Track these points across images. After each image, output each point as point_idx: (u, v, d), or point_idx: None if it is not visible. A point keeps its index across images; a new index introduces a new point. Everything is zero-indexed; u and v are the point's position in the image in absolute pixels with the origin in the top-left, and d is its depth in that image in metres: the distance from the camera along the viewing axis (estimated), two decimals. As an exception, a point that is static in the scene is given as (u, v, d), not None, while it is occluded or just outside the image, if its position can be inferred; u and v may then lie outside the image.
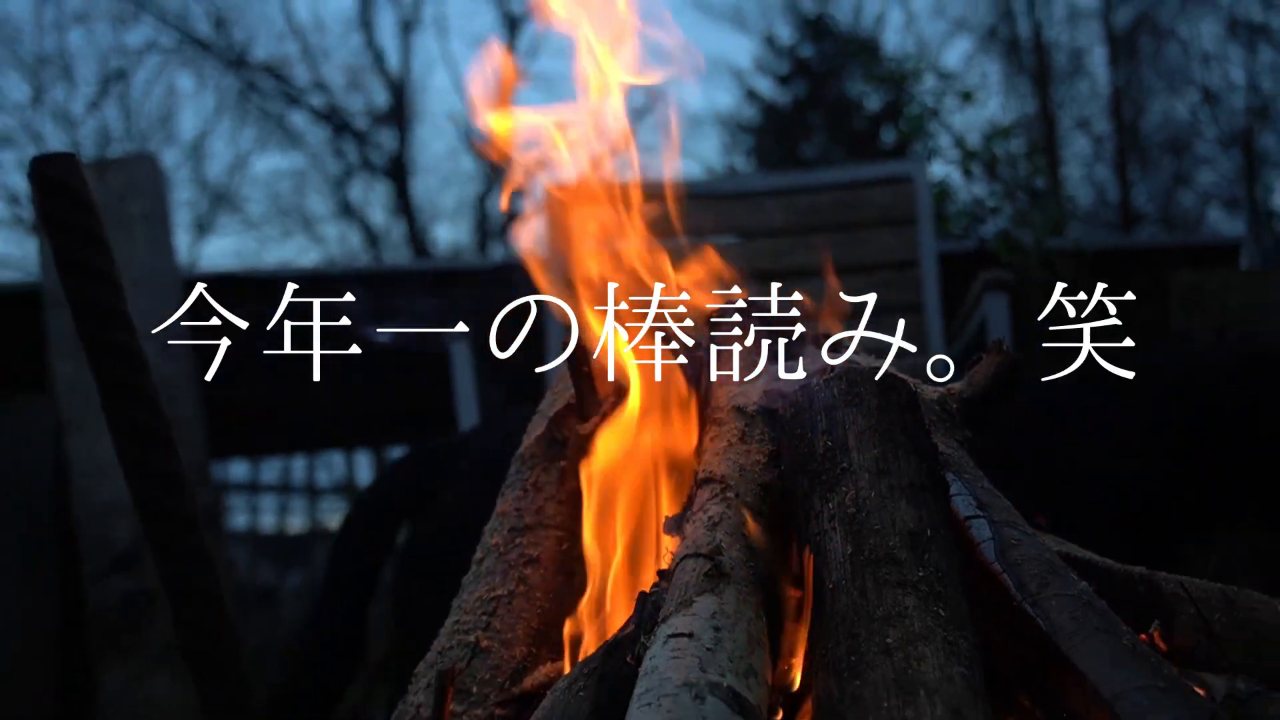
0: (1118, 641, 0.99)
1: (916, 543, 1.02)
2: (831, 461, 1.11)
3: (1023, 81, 18.81)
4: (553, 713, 1.05)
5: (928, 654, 0.93)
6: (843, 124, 18.38)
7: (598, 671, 1.06)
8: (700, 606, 1.01)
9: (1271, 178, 18.35)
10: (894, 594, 0.98)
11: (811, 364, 1.35)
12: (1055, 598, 1.04)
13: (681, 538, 1.12)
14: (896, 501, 1.05)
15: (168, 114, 17.66)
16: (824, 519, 1.07)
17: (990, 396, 1.37)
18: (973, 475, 1.22)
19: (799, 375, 1.30)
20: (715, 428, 1.26)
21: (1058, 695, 1.03)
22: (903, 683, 0.91)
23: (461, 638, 1.27)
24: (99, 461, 3.74)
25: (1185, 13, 19.19)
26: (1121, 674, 0.95)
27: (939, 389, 1.39)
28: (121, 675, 3.67)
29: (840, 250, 3.46)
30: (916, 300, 3.41)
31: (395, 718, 1.21)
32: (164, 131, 17.43)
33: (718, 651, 0.97)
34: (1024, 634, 1.05)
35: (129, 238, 3.79)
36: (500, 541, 1.38)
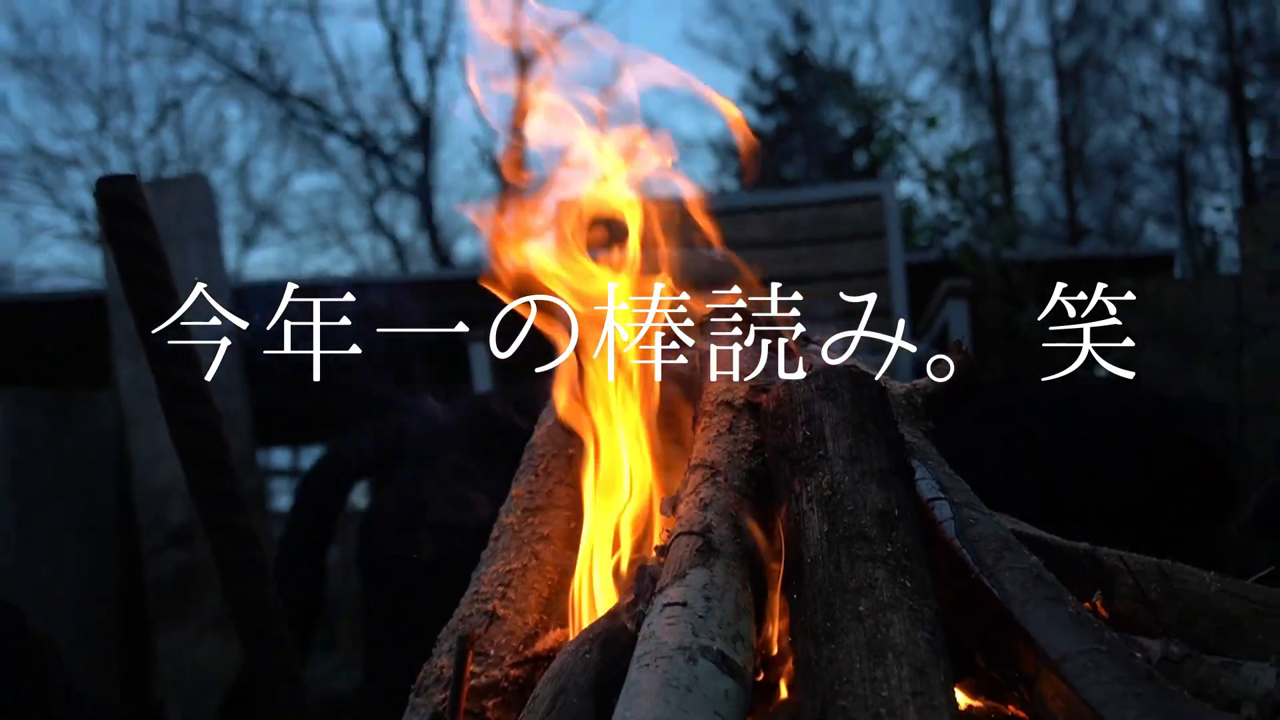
0: (1064, 609, 0.99)
1: (885, 522, 1.02)
2: (809, 450, 1.11)
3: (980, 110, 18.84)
4: (561, 672, 1.05)
5: (895, 621, 0.93)
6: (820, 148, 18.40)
7: (601, 636, 1.06)
8: (693, 578, 1.01)
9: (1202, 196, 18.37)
10: (865, 567, 0.98)
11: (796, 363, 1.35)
12: (1008, 570, 1.04)
13: (676, 517, 1.12)
14: (867, 485, 1.05)
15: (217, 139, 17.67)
16: (803, 500, 1.07)
17: (951, 392, 1.37)
18: (935, 462, 1.22)
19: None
20: (706, 419, 1.25)
21: (1010, 657, 1.03)
22: (873, 646, 0.91)
23: (480, 606, 1.27)
24: (157, 450, 3.74)
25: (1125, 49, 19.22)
26: (1067, 638, 0.95)
27: (905, 385, 1.39)
28: (176, 640, 3.67)
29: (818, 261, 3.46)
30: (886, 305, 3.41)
31: (421, 677, 1.21)
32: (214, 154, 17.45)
33: (708, 619, 0.97)
34: (981, 603, 1.05)
35: (183, 250, 3.79)
36: (514, 521, 1.38)
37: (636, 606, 1.06)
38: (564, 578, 1.34)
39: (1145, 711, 0.85)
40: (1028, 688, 1.00)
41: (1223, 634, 1.11)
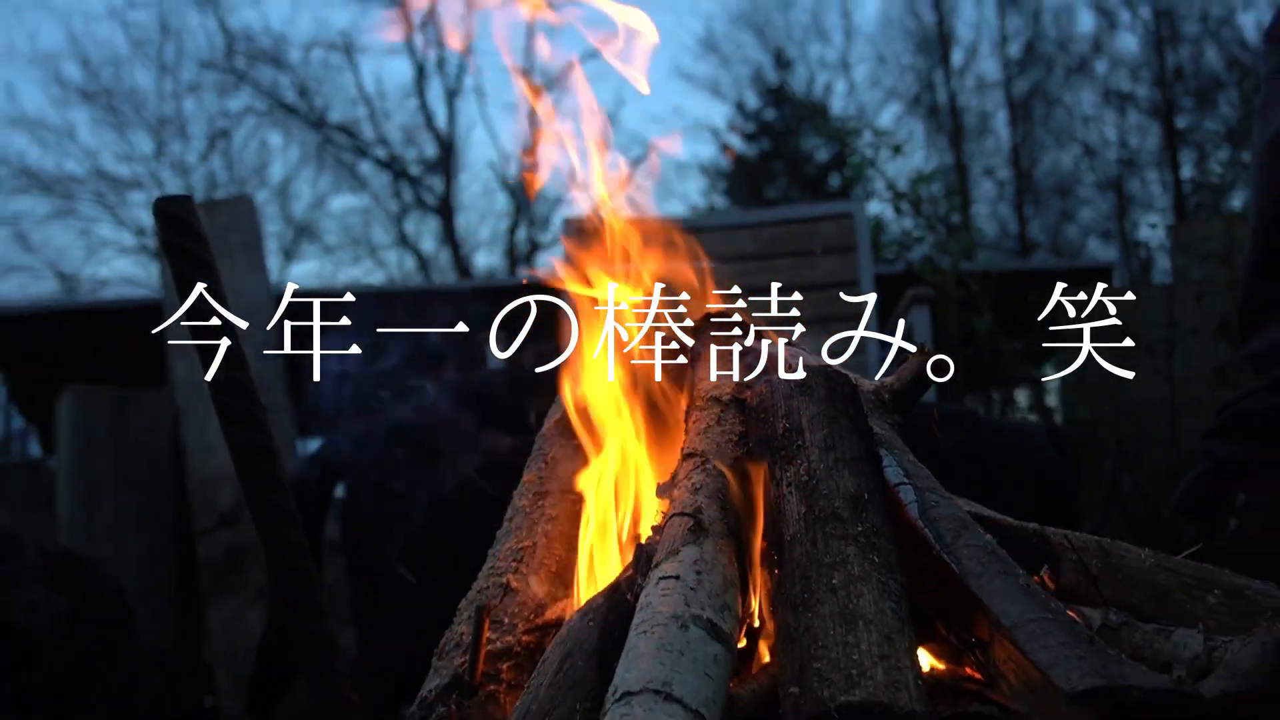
0: (1015, 582, 0.99)
1: (856, 504, 1.02)
2: (789, 440, 1.11)
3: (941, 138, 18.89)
4: (568, 638, 1.05)
5: (865, 592, 0.93)
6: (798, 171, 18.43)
7: (604, 606, 1.06)
8: (685, 555, 1.01)
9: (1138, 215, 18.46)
10: (838, 545, 0.98)
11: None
12: (966, 547, 1.04)
13: (670, 500, 1.13)
14: (840, 471, 1.05)
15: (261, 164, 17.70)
16: (783, 485, 1.07)
17: (914, 389, 1.37)
18: (901, 451, 1.22)
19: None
20: (696, 413, 1.26)
21: (968, 625, 1.03)
22: (845, 615, 0.91)
23: (495, 579, 1.27)
24: (208, 440, 3.74)
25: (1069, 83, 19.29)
26: (1018, 608, 0.95)
27: (874, 382, 1.39)
28: (225, 611, 3.67)
29: (795, 272, 3.47)
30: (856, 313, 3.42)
31: (443, 643, 1.21)
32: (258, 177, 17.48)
33: (699, 590, 0.97)
34: (941, 576, 1.05)
35: (231, 262, 3.79)
36: (526, 504, 1.38)
37: (635, 580, 1.06)
38: (570, 554, 1.34)
39: (1087, 672, 0.85)
40: (983, 652, 1.00)
41: (1156, 604, 1.11)
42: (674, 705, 0.84)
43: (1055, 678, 0.86)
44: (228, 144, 17.39)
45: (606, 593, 1.09)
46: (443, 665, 1.17)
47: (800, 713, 0.87)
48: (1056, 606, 0.96)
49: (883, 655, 0.87)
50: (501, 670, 1.16)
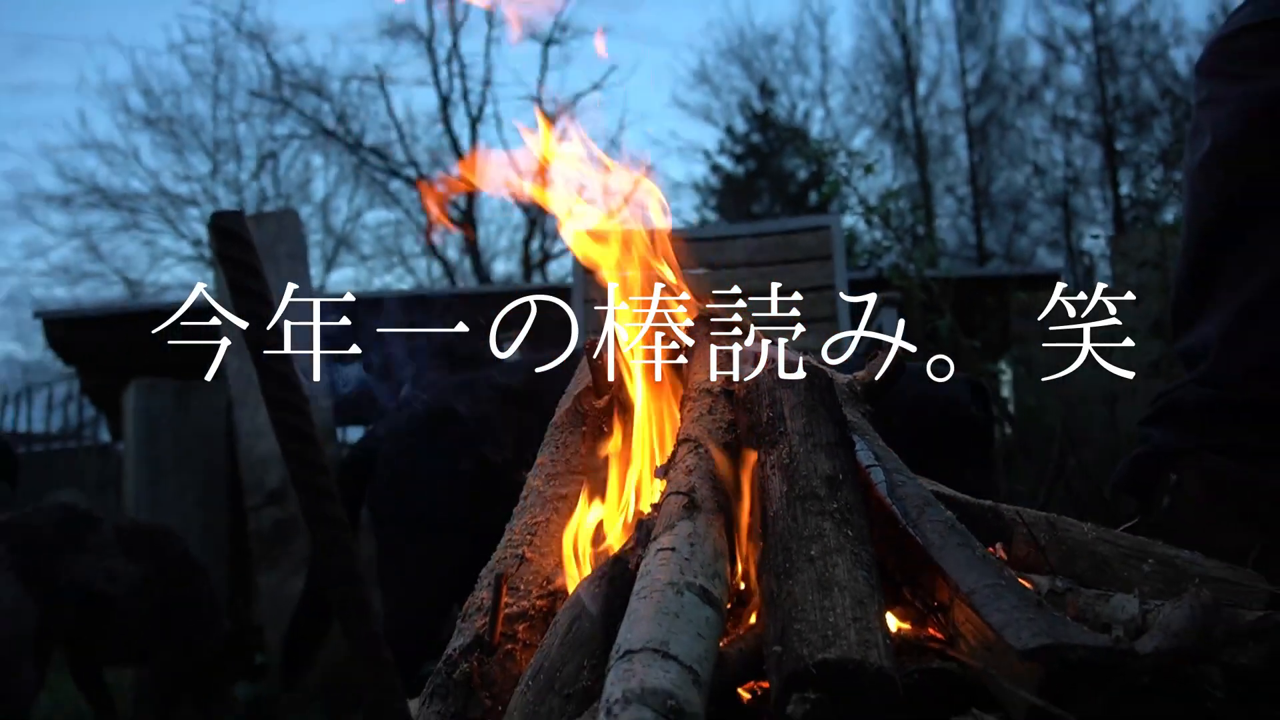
0: (972, 553, 0.99)
1: (832, 484, 1.02)
2: (772, 427, 1.11)
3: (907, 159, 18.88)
4: (577, 602, 1.05)
5: (840, 562, 0.93)
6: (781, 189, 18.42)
7: (609, 574, 1.06)
8: (680, 529, 1.01)
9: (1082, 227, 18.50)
10: (816, 520, 0.98)
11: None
12: (929, 522, 1.04)
13: (667, 480, 1.13)
14: (818, 455, 1.05)
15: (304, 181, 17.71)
16: (767, 467, 1.07)
17: (883, 382, 1.37)
18: (871, 437, 1.22)
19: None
20: (690, 403, 1.25)
21: (931, 591, 1.03)
22: (822, 582, 0.91)
23: (512, 551, 1.27)
24: (257, 427, 3.74)
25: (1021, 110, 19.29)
26: (974, 575, 0.95)
27: (848, 376, 1.39)
28: (272, 578, 3.67)
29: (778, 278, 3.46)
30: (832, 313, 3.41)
31: (465, 608, 1.21)
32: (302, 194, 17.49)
33: (692, 560, 0.97)
34: (907, 548, 1.05)
35: (277, 270, 3.79)
36: (540, 484, 1.38)
37: (636, 551, 1.06)
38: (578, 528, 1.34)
39: (1036, 632, 0.85)
40: (944, 614, 1.00)
41: (1097, 572, 1.11)
42: (670, 662, 0.84)
43: (1008, 637, 0.86)
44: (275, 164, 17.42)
45: (611, 562, 1.09)
46: (465, 627, 1.17)
47: (782, 669, 0.87)
48: (1009, 574, 0.96)
49: (855, 618, 0.87)
50: (518, 631, 1.16)
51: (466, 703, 1.08)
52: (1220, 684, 0.96)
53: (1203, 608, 0.94)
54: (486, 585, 1.22)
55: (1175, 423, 1.53)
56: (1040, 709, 0.83)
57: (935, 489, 1.19)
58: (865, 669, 0.84)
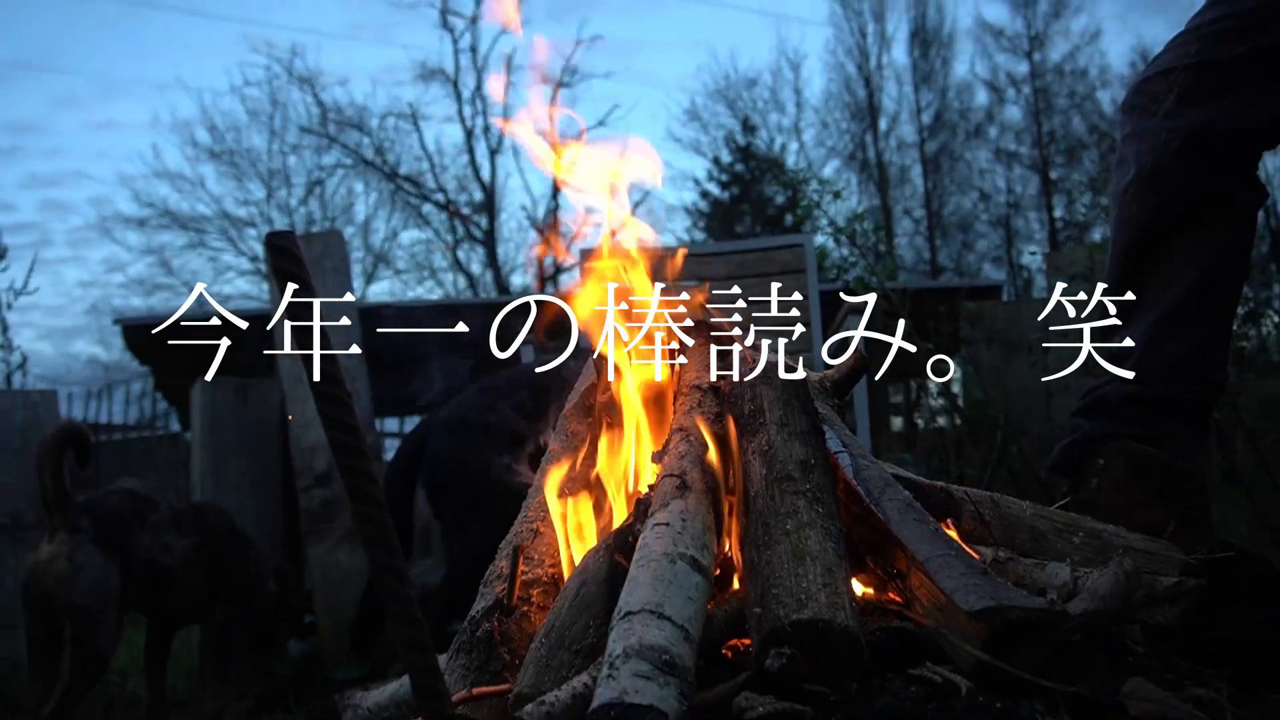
0: (926, 527, 0.99)
1: (805, 468, 1.02)
2: (754, 418, 1.11)
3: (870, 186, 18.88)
4: (584, 570, 1.05)
5: (811, 535, 0.93)
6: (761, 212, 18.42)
7: (612, 545, 1.06)
8: (673, 507, 1.01)
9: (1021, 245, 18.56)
10: (791, 499, 0.98)
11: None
12: (889, 500, 1.04)
13: (662, 465, 1.12)
14: (793, 443, 1.05)
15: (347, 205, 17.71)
16: (749, 453, 1.07)
17: (849, 379, 1.37)
18: (839, 426, 1.22)
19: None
20: (682, 397, 1.25)
21: (890, 560, 1.03)
22: (796, 553, 0.91)
23: (527, 525, 1.26)
24: (307, 418, 3.73)
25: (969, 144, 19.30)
26: (928, 546, 0.95)
27: (819, 373, 1.38)
28: (320, 550, 3.66)
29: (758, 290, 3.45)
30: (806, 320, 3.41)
31: (487, 574, 1.20)
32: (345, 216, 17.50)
33: (684, 534, 0.97)
34: (870, 523, 1.05)
35: (324, 283, 3.78)
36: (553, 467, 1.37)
37: (635, 526, 1.06)
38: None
39: (981, 596, 0.85)
40: (902, 581, 1.00)
41: (1034, 543, 1.11)
42: (664, 621, 0.84)
43: (957, 600, 0.86)
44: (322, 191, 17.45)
45: (614, 535, 1.08)
46: (487, 591, 1.17)
47: (761, 628, 0.87)
48: (958, 546, 0.96)
49: (825, 584, 0.87)
50: (532, 595, 1.15)
51: (488, 657, 1.07)
52: (1140, 640, 0.96)
53: (1125, 575, 0.94)
54: (505, 556, 1.21)
55: (1102, 414, 1.53)
56: (985, 663, 0.83)
57: (895, 472, 1.19)
58: (834, 628, 0.84)
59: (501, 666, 1.06)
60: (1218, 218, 1.46)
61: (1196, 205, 1.45)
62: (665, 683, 0.78)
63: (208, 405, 3.83)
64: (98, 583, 2.30)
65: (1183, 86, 1.45)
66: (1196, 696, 0.85)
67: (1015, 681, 0.82)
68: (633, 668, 0.78)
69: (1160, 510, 1.41)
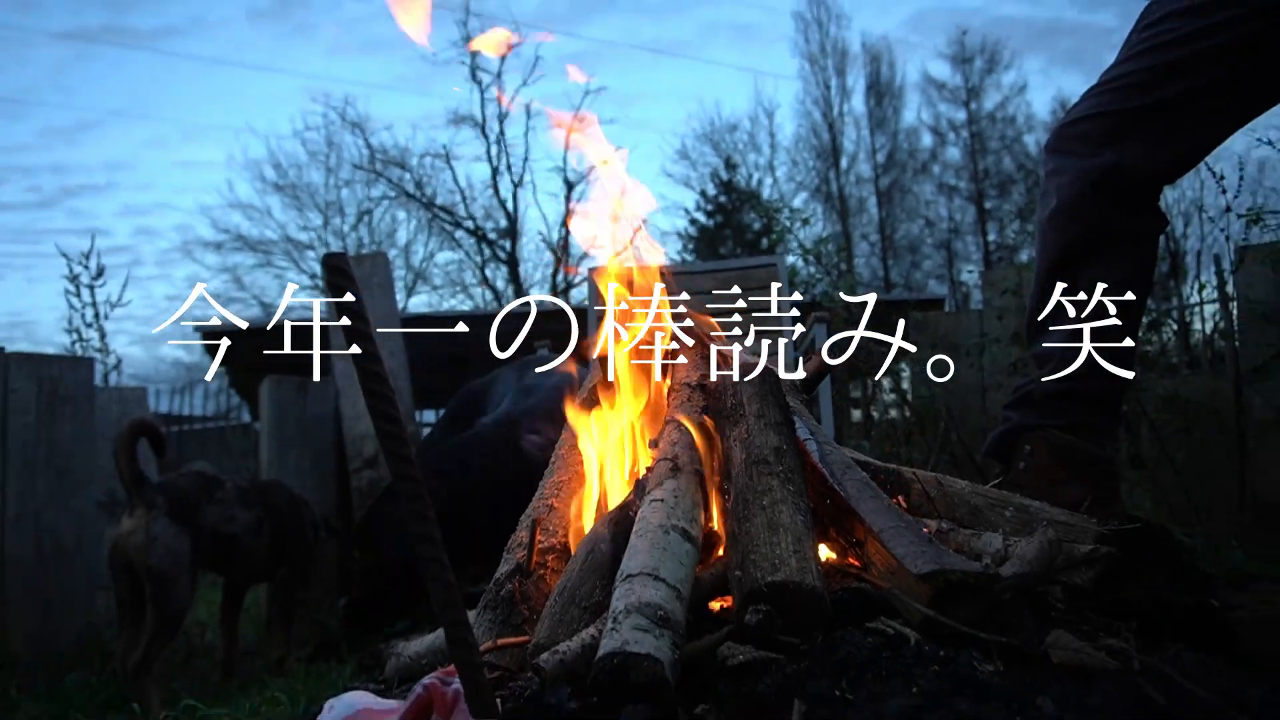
0: (882, 503, 0.99)
1: (778, 453, 1.02)
2: (735, 411, 1.11)
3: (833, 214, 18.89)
4: (592, 539, 1.05)
5: (784, 510, 0.93)
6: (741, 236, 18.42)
7: (615, 517, 1.06)
8: (667, 485, 1.01)
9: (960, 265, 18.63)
10: (766, 479, 0.98)
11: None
12: (850, 481, 1.04)
13: (657, 450, 1.12)
14: (768, 432, 1.05)
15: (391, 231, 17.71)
16: (730, 440, 1.07)
17: (816, 378, 1.37)
18: (807, 417, 1.22)
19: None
20: (674, 394, 1.25)
21: (850, 531, 1.03)
22: (771, 525, 0.91)
23: (543, 501, 1.26)
24: (357, 411, 3.72)
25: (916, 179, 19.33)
26: (882, 519, 0.95)
27: (791, 372, 1.38)
28: (369, 522, 3.66)
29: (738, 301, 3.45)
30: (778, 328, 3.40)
31: (509, 544, 1.20)
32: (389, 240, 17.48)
33: (676, 509, 0.97)
34: (833, 499, 1.05)
35: (371, 296, 3.77)
36: (565, 452, 1.37)
37: (635, 502, 1.06)
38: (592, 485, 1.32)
39: (927, 560, 0.85)
40: (860, 548, 1.00)
41: (972, 517, 1.11)
42: (660, 583, 0.84)
43: (906, 564, 0.86)
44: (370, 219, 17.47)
45: (617, 509, 1.08)
46: (509, 557, 1.17)
47: (742, 588, 0.87)
48: (908, 519, 0.96)
49: (795, 551, 0.87)
50: (548, 560, 1.15)
51: (510, 613, 1.07)
52: (1061, 599, 0.96)
53: (1049, 543, 0.94)
54: (524, 527, 1.21)
55: (1028, 408, 1.54)
56: (930, 618, 0.83)
57: (854, 456, 1.19)
58: (803, 588, 0.84)
59: (521, 621, 1.06)
60: (1124, 243, 1.46)
61: (1107, 232, 1.46)
62: (660, 634, 0.78)
63: (274, 400, 3.82)
64: (171, 550, 2.33)
65: (1096, 132, 1.45)
66: (1109, 646, 0.85)
67: (956, 633, 0.82)
68: (633, 622, 0.78)
69: (1077, 489, 1.41)
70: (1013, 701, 0.75)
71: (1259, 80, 1.39)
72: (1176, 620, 0.94)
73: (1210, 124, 1.41)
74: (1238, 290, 2.67)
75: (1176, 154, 1.42)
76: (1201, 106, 1.39)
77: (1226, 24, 1.35)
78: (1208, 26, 1.36)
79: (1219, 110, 1.40)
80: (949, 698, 0.74)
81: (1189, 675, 0.81)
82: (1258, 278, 2.56)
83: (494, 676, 0.90)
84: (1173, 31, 1.39)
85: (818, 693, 0.76)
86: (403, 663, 1.27)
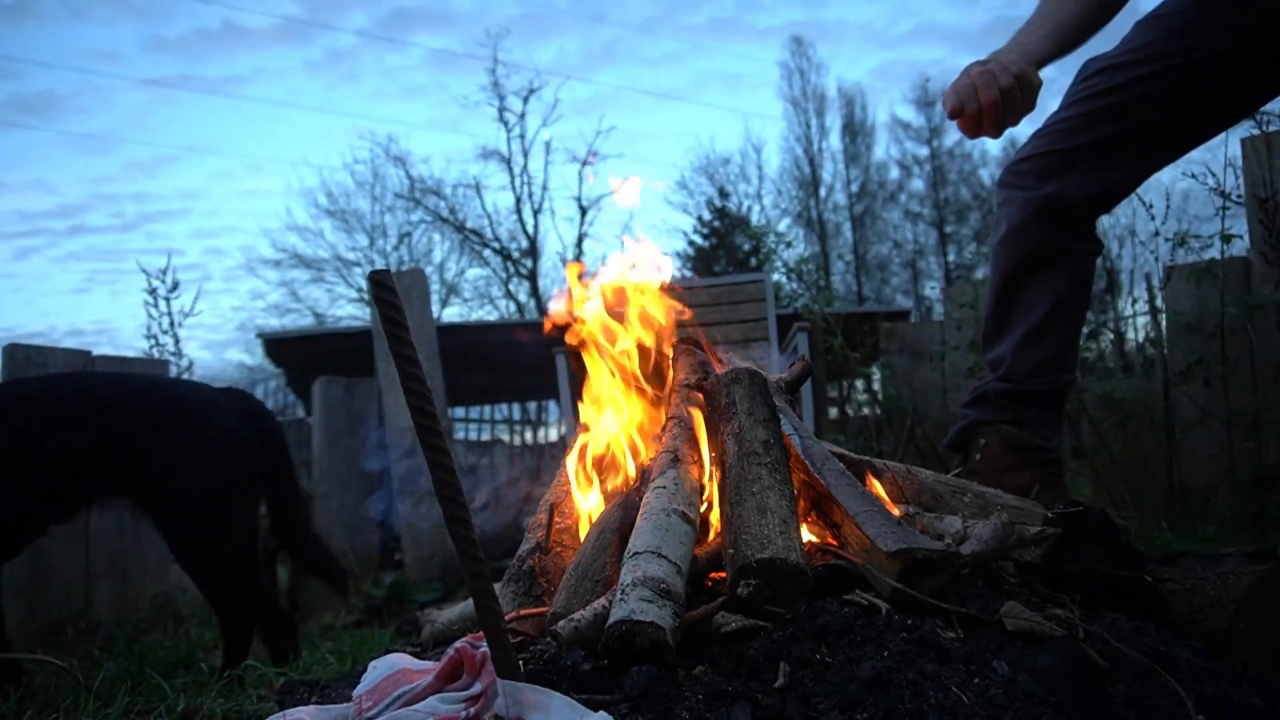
0: (857, 490, 0.99)
1: (767, 446, 1.02)
2: (728, 409, 1.11)
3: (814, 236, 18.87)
4: (601, 521, 1.05)
5: (771, 495, 0.93)
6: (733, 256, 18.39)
7: (623, 503, 1.06)
8: (668, 474, 1.01)
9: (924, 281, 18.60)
10: (756, 469, 0.98)
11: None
12: (829, 470, 1.04)
13: (660, 443, 1.12)
14: (757, 428, 1.05)
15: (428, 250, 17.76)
16: (724, 435, 1.07)
17: (798, 381, 1.37)
18: (791, 415, 1.22)
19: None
20: (674, 394, 1.25)
21: (829, 514, 1.03)
22: (760, 508, 0.91)
23: (560, 487, 1.26)
24: (398, 407, 3.72)
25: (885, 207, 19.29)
26: (857, 504, 0.95)
27: (776, 375, 1.38)
28: (407, 504, 3.66)
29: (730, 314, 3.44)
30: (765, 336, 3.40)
31: (529, 525, 1.20)
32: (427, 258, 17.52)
33: (676, 494, 0.97)
34: (814, 486, 1.05)
35: (410, 308, 3.77)
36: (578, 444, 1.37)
37: (640, 488, 1.06)
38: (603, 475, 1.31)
39: (896, 540, 0.85)
40: (838, 530, 1.00)
41: (935, 502, 1.11)
42: (662, 560, 0.84)
43: (878, 543, 0.86)
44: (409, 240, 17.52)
45: (624, 494, 1.08)
46: (530, 536, 1.17)
47: (734, 564, 0.87)
48: (879, 504, 0.96)
49: (782, 531, 0.87)
50: (564, 539, 1.15)
51: (531, 585, 1.07)
52: (1013, 573, 0.95)
53: (1002, 525, 0.93)
54: (543, 510, 1.21)
55: (983, 405, 1.53)
56: (899, 590, 0.83)
57: (832, 449, 1.19)
58: (788, 564, 0.84)
59: (541, 592, 1.06)
60: (1064, 263, 1.46)
61: (1049, 254, 1.46)
62: (663, 605, 0.78)
63: (325, 397, 3.83)
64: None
65: (1038, 168, 1.46)
66: (1055, 615, 0.85)
67: (921, 604, 0.82)
68: (639, 594, 0.78)
69: (1026, 476, 1.41)
70: (971, 663, 0.75)
71: (1180, 124, 1.40)
72: (1114, 592, 0.94)
73: (1137, 161, 1.42)
74: (1165, 304, 2.67)
75: (1107, 187, 1.44)
76: (1129, 147, 1.41)
77: (1149, 77, 1.37)
78: (1133, 79, 1.38)
79: (1144, 150, 1.42)
80: (915, 660, 0.74)
81: (1125, 640, 0.81)
82: (1183, 293, 2.56)
83: (517, 641, 0.90)
84: (1104, 83, 1.41)
85: (801, 655, 0.76)
86: (437, 628, 1.27)
